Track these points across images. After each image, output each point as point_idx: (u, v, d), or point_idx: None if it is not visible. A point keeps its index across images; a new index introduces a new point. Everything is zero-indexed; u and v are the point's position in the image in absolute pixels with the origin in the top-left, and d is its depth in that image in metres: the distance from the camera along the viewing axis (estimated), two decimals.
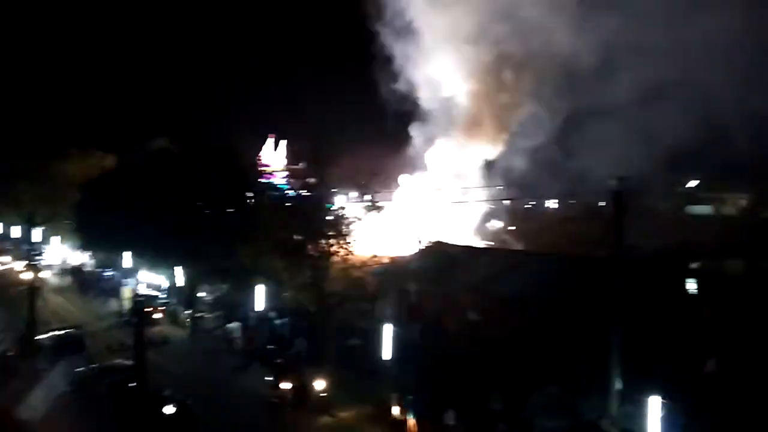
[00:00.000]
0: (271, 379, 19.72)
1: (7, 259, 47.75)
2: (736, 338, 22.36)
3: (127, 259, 35.55)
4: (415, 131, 44.34)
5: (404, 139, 45.24)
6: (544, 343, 22.33)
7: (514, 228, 43.69)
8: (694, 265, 25.30)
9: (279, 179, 30.05)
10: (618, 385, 15.46)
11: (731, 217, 52.23)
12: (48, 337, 22.80)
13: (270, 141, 56.28)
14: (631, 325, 15.45)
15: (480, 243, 33.17)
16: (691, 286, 24.76)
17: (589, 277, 21.12)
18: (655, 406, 13.81)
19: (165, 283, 34.35)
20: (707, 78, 32.62)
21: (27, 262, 40.90)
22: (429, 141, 44.45)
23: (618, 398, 15.23)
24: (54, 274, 44.27)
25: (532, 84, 41.92)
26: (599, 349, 20.66)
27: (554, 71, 40.50)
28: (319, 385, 18.65)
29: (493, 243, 37.99)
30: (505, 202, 41.95)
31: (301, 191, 23.86)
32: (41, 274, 39.70)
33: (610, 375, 15.75)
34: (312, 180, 23.44)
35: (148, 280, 35.41)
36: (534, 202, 50.35)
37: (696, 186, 56.02)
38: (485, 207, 39.81)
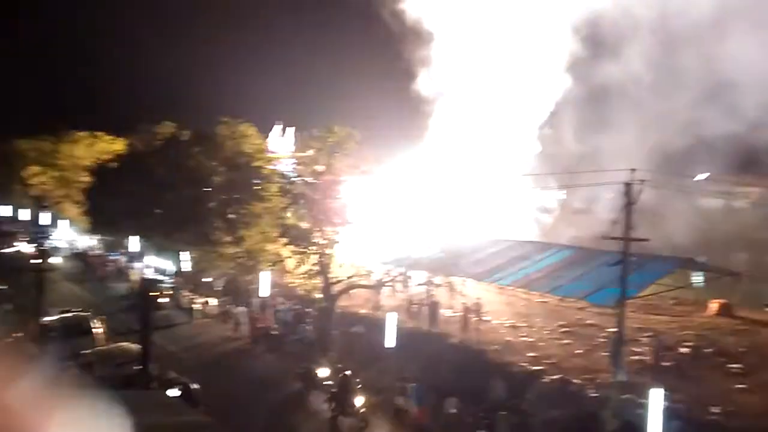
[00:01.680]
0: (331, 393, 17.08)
1: (17, 242, 48.24)
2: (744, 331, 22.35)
3: (134, 243, 35.87)
4: (433, 117, 43.13)
5: (421, 125, 44.37)
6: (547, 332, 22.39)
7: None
8: (701, 259, 25.18)
9: (286, 166, 30.00)
10: (620, 376, 15.49)
11: (742, 209, 51.83)
12: (54, 320, 23.03)
13: (277, 127, 56.20)
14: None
15: (494, 233, 32.88)
16: (698, 279, 24.77)
17: (596, 268, 21.11)
18: (656, 397, 13.83)
19: (171, 268, 34.63)
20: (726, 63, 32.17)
21: (36, 245, 41.36)
22: (446, 127, 43.46)
23: (619, 389, 15.25)
24: (62, 257, 44.72)
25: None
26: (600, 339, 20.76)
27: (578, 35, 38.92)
28: (324, 372, 18.55)
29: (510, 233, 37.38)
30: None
31: (308, 178, 23.85)
32: (49, 258, 40.15)
33: (612, 366, 15.79)
34: (319, 167, 23.44)
35: (155, 265, 35.72)
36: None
37: (706, 178, 55.53)
38: (503, 196, 39.21)
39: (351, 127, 22.68)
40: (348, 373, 17.02)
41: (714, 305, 24.97)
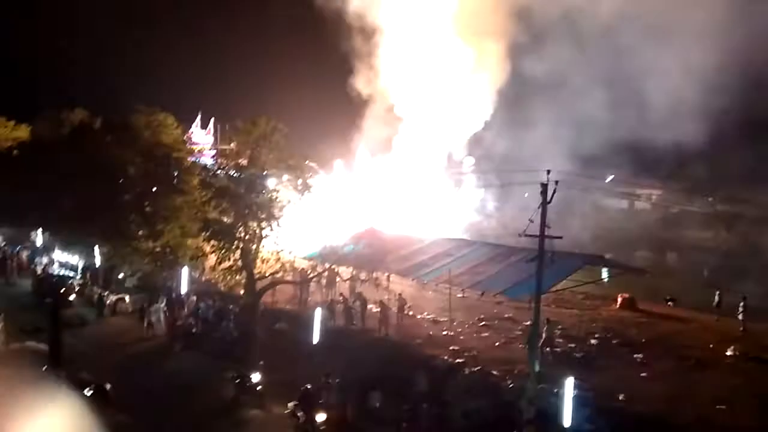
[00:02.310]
0: (294, 405, 16.33)
1: None
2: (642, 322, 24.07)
3: (39, 236, 33.60)
4: (369, 114, 42.85)
5: (355, 121, 43.99)
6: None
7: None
8: (607, 256, 26.87)
9: (208, 158, 29.14)
10: (536, 366, 16.25)
11: (644, 210, 55.78)
12: None
13: (198, 118, 54.39)
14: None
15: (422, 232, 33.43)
16: (605, 275, 26.42)
17: (513, 264, 22.02)
18: (568, 386, 14.67)
19: (81, 263, 32.73)
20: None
21: None
22: (382, 125, 43.51)
23: (536, 379, 16.01)
24: None
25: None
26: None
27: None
28: (255, 377, 17.81)
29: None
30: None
31: (231, 172, 23.26)
32: None
33: (529, 357, 16.55)
34: (243, 161, 22.91)
35: (63, 259, 33.63)
36: None
37: (611, 181, 59.32)
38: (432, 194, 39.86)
39: (279, 120, 22.31)
40: (309, 386, 16.51)
41: (619, 299, 26.74)
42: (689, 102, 31.83)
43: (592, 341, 21.73)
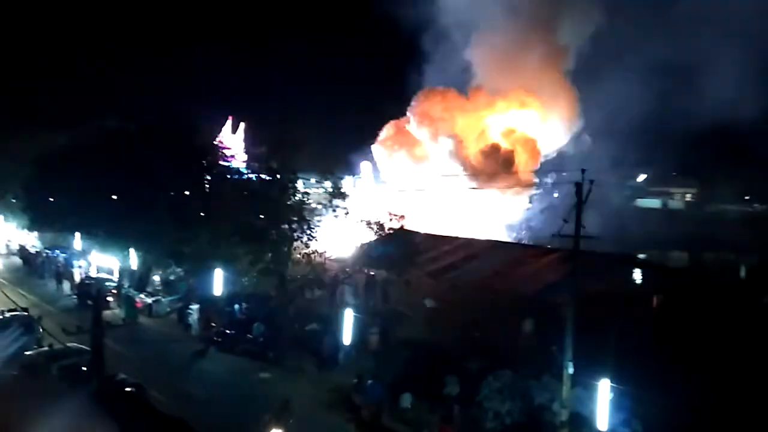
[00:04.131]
0: None
1: None
2: (680, 324, 23.51)
3: (77, 240, 34.48)
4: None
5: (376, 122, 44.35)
6: (499, 329, 22.93)
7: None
8: (641, 256, 26.32)
9: (239, 162, 29.51)
10: (569, 369, 16.03)
11: (678, 210, 54.53)
12: None
13: (229, 123, 55.11)
14: (584, 311, 15.95)
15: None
16: (638, 275, 25.89)
17: (546, 266, 21.80)
18: (604, 389, 14.43)
19: (117, 266, 33.49)
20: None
21: None
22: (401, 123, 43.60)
23: (569, 382, 15.80)
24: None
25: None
26: (552, 335, 21.43)
27: None
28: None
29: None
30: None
31: (262, 175, 23.54)
32: None
33: (562, 359, 16.32)
34: (274, 164, 23.16)
35: (100, 263, 34.47)
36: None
37: (645, 180, 58.19)
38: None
39: (312, 122, 22.54)
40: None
41: (655, 300, 26.13)
42: (732, 98, 31.02)
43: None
